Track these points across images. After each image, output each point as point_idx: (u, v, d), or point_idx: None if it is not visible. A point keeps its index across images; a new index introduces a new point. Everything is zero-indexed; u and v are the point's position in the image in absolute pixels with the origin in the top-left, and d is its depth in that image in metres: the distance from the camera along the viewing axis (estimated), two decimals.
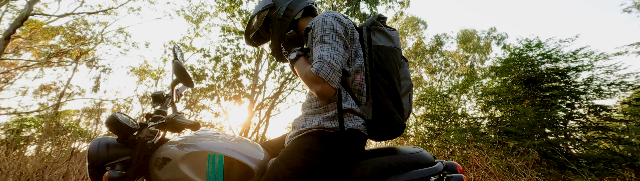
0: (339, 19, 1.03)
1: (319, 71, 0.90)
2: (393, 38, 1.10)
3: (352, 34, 1.05)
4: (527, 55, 4.17)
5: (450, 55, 15.33)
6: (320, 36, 0.98)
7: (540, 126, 3.36)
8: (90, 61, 14.63)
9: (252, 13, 1.24)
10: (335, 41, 0.97)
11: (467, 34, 15.53)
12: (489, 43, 15.42)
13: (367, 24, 1.10)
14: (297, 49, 1.07)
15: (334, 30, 0.99)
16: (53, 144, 5.19)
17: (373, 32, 1.07)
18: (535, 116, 3.40)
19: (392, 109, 0.97)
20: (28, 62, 14.80)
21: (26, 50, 15.68)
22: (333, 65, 0.91)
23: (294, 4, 1.17)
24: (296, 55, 1.04)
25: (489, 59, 15.21)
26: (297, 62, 1.03)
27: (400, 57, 1.10)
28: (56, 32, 14.53)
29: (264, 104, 10.08)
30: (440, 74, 14.40)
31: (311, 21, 1.06)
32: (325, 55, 0.92)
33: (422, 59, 14.53)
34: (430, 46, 14.97)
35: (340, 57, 0.95)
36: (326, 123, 0.96)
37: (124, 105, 13.44)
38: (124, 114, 1.04)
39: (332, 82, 0.91)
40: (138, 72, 14.84)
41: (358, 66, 1.01)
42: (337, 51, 0.95)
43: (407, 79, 1.09)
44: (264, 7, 1.18)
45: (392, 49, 1.06)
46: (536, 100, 3.83)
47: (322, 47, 0.96)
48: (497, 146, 3.60)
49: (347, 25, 1.04)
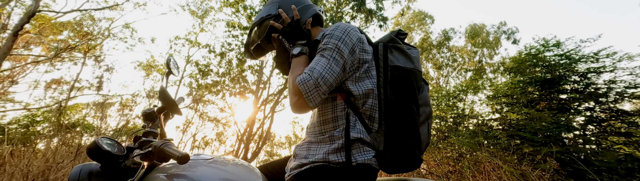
0: (349, 34, 0.91)
1: (301, 84, 0.82)
2: (413, 58, 0.97)
3: (361, 53, 0.92)
4: (544, 55, 3.86)
5: (458, 50, 14.88)
6: (321, 48, 0.89)
7: (557, 132, 3.11)
8: (97, 57, 14.62)
9: (253, 21, 1.13)
10: (334, 58, 0.86)
11: (476, 29, 15.00)
12: (499, 38, 14.88)
13: (384, 40, 0.97)
14: (302, 43, 0.97)
15: (337, 47, 0.87)
16: (58, 145, 5.13)
17: (390, 50, 0.95)
18: (552, 122, 3.14)
19: (407, 141, 0.86)
20: (38, 58, 14.91)
21: (36, 45, 15.80)
22: (319, 84, 0.82)
23: (302, 10, 1.06)
24: (299, 51, 0.95)
25: (498, 54, 14.75)
26: (297, 59, 0.94)
27: (420, 80, 0.97)
28: (64, 28, 14.53)
29: (269, 100, 9.97)
30: (447, 69, 14.05)
31: (322, 32, 0.96)
32: (316, 70, 0.83)
33: (428, 55, 14.15)
34: (437, 41, 14.55)
35: (332, 78, 0.84)
36: (332, 156, 0.85)
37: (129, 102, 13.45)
38: (109, 138, 0.98)
39: (310, 101, 0.83)
40: (145, 67, 14.83)
41: (369, 89, 0.89)
42: (331, 70, 0.84)
43: (427, 105, 0.97)
44: (268, 16, 1.07)
45: (411, 71, 0.93)
46: (552, 103, 3.56)
47: (318, 60, 0.86)
48: (511, 151, 3.37)
49: (356, 43, 0.91)
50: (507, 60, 14.56)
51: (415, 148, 0.88)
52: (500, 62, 14.18)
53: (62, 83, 16.06)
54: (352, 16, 7.28)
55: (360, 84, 0.90)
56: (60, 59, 15.21)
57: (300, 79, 0.83)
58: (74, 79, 14.75)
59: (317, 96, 0.83)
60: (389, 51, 0.95)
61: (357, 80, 0.90)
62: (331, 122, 0.90)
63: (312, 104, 0.83)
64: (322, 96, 0.84)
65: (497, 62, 14.41)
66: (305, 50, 0.96)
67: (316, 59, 0.88)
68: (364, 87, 0.89)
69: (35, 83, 15.41)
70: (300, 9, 1.06)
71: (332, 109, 0.91)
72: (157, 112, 1.07)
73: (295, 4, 1.06)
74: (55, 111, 10.07)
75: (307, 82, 0.82)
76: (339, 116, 0.89)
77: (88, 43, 14.60)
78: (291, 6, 1.05)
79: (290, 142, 19.66)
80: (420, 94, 0.94)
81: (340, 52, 0.87)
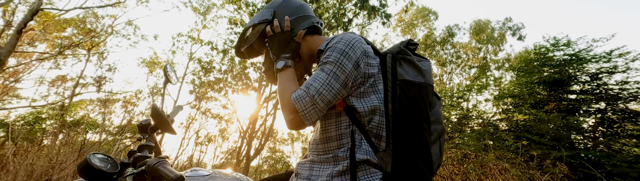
0: (353, 47, 0.84)
1: (297, 102, 0.78)
2: (424, 71, 0.90)
3: (367, 67, 0.85)
4: (554, 55, 3.69)
5: (462, 46, 14.64)
6: (322, 62, 0.83)
7: (567, 135, 2.98)
8: (101, 54, 14.61)
9: (247, 24, 1.08)
10: (334, 73, 0.80)
11: (481, 25, 14.70)
12: (504, 34, 14.58)
13: (393, 51, 0.90)
14: (286, 57, 0.92)
15: (339, 61, 0.81)
16: (62, 143, 5.12)
17: (399, 62, 0.88)
18: (562, 125, 3.01)
19: (417, 161, 0.80)
20: (42, 55, 14.95)
21: (41, 42, 15.84)
22: (316, 101, 0.78)
23: (296, 21, 0.99)
24: (284, 64, 0.90)
25: (503, 51, 14.49)
26: (283, 73, 0.90)
27: (432, 95, 0.90)
28: (68, 25, 14.50)
29: (272, 97, 9.92)
30: (451, 66, 13.85)
31: (325, 42, 0.89)
32: (313, 87, 0.78)
33: (432, 51, 13.95)
34: (441, 37, 14.30)
35: (330, 95, 0.79)
36: (336, 179, 0.80)
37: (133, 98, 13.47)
38: (103, 154, 0.94)
39: (307, 119, 0.79)
40: (148, 64, 14.81)
41: (375, 105, 0.82)
42: (329, 86, 0.79)
43: (438, 122, 0.90)
44: (261, 21, 1.01)
45: (422, 85, 0.86)
46: (562, 104, 3.42)
47: (317, 75, 0.81)
48: (519, 153, 3.25)
49: (361, 56, 0.85)
50: (513, 56, 14.34)
51: (425, 169, 0.81)
52: (505, 58, 13.95)
53: (67, 80, 16.11)
54: (355, 13, 7.12)
55: (365, 99, 0.83)
56: (64, 57, 15.22)
57: (296, 96, 0.79)
58: (79, 75, 14.79)
59: (315, 114, 0.79)
60: (398, 63, 0.87)
61: (362, 95, 0.83)
62: (335, 140, 0.85)
63: (308, 122, 0.79)
64: (319, 113, 0.79)
65: (501, 59, 14.17)
66: (290, 63, 0.91)
67: (315, 73, 0.82)
68: (370, 103, 0.82)
69: (41, 79, 15.47)
70: (295, 20, 0.99)
71: (336, 126, 0.85)
72: (150, 130, 1.03)
73: (290, 14, 1.00)
74: (59, 108, 10.09)
75: (303, 99, 0.77)
76: (343, 133, 0.84)
77: (92, 40, 14.58)
78: (285, 16, 0.99)
79: (292, 138, 19.67)
80: (431, 111, 0.87)
81: (342, 66, 0.80)
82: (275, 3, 1.03)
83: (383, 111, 0.82)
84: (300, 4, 1.03)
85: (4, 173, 3.89)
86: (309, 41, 1.01)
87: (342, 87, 0.80)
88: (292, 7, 1.01)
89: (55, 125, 8.82)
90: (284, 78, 0.89)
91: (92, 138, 8.19)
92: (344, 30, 7.25)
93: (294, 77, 0.89)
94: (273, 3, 1.04)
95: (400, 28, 15.08)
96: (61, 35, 14.74)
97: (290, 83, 0.87)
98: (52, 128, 8.63)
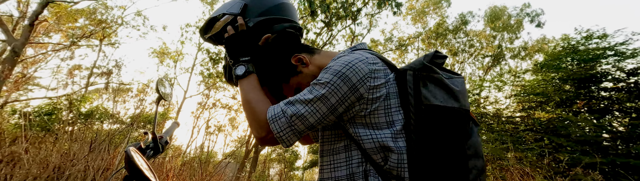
0: (353, 68, 0.69)
1: (272, 122, 0.67)
2: (457, 92, 0.72)
3: (373, 91, 0.68)
4: (586, 48, 3.22)
5: (476, 35, 13.86)
6: (312, 83, 0.71)
7: (601, 140, 2.63)
8: (113, 44, 14.64)
9: (215, 11, 0.90)
10: (323, 95, 0.67)
11: (496, 12, 13.77)
12: (521, 21, 13.64)
13: (414, 67, 0.72)
14: (246, 60, 0.80)
15: (332, 82, 0.68)
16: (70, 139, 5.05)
17: (424, 82, 0.70)
18: (596, 125, 2.64)
19: None
20: (56, 45, 15.11)
21: (56, 32, 15.99)
22: (293, 123, 0.66)
23: (265, 23, 0.83)
24: (245, 70, 0.78)
25: (519, 38, 13.66)
26: (245, 81, 0.78)
27: (469, 122, 0.73)
28: (80, 15, 14.48)
29: None
30: (463, 55, 13.22)
31: (332, 59, 0.78)
32: (294, 107, 0.67)
33: (443, 40, 13.27)
34: (453, 25, 13.53)
35: (313, 119, 0.67)
36: None
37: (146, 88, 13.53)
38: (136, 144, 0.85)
39: (284, 142, 0.68)
40: (158, 55, 14.80)
41: (384, 141, 0.67)
42: (314, 109, 0.67)
43: (478, 157, 0.71)
44: (227, 12, 0.85)
45: (455, 111, 0.70)
46: (592, 103, 3.02)
47: (302, 95, 0.69)
48: (542, 154, 2.93)
49: (364, 78, 0.68)
50: (530, 44, 13.55)
51: None
52: (522, 46, 13.20)
53: (82, 69, 16.32)
54: (364, 2, 6.60)
55: (376, 133, 0.67)
56: (77, 47, 15.31)
57: (271, 115, 0.68)
58: (93, 65, 14.91)
59: (293, 136, 0.68)
60: (422, 83, 0.69)
61: (373, 126, 0.68)
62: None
63: (285, 145, 0.70)
64: (298, 135, 0.68)
65: (518, 47, 13.41)
66: (252, 68, 0.78)
67: (302, 93, 0.69)
68: (381, 137, 0.67)
69: (58, 68, 15.72)
70: (265, 21, 0.82)
71: (346, 163, 0.70)
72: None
73: (262, 12, 0.83)
74: (69, 102, 10.18)
75: (278, 120, 0.67)
76: (355, 173, 0.69)
77: (104, 30, 14.57)
78: (254, 14, 0.83)
79: None
80: (468, 142, 0.69)
81: (335, 89, 0.67)
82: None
83: (401, 148, 0.66)
84: (279, 3, 0.85)
85: (17, 169, 3.85)
86: (313, 63, 0.84)
87: (330, 112, 0.67)
88: (267, 4, 0.83)
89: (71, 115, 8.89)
90: (248, 87, 0.76)
91: (110, 129, 8.23)
92: (352, 20, 6.80)
93: (258, 86, 0.77)
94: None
95: (410, 16, 14.32)
96: (74, 26, 14.73)
97: (256, 93, 0.75)
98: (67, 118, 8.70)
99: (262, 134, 0.69)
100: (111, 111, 8.59)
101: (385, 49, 13.36)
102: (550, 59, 3.47)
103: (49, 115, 9.63)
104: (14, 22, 13.02)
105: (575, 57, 3.19)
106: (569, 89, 3.26)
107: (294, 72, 0.85)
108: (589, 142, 2.64)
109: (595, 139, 2.60)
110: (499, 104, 4.11)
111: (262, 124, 0.68)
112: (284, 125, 0.66)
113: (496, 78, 5.11)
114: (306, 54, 0.85)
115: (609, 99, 2.96)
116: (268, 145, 0.73)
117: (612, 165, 2.56)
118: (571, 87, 3.25)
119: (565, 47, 3.45)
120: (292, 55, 0.84)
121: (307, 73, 0.84)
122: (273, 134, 0.67)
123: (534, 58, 13.06)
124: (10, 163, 4.00)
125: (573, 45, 3.36)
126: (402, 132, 0.67)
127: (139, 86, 14.62)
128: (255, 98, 0.73)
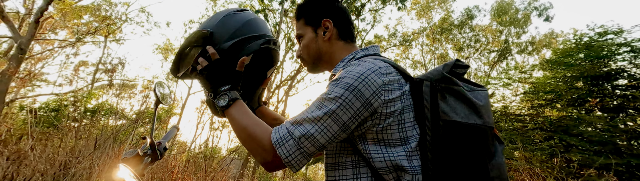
0: (365, 81, 0.60)
1: (279, 145, 0.59)
2: (480, 107, 0.63)
3: (388, 104, 0.61)
4: (600, 44, 3.07)
5: (482, 29, 13.55)
6: (322, 98, 0.62)
7: (615, 140, 2.50)
8: (117, 40, 14.65)
9: (179, 48, 0.83)
10: (334, 113, 0.59)
11: (503, 5, 13.40)
12: (529, 15, 13.27)
13: (432, 77, 0.65)
14: (226, 89, 0.72)
15: (344, 98, 0.59)
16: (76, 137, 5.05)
17: (442, 94, 0.63)
18: (610, 125, 2.52)
19: None
20: (62, 42, 15.18)
21: (61, 29, 16.05)
22: (302, 145, 0.58)
23: (239, 45, 0.77)
24: (228, 99, 0.70)
25: (526, 33, 13.33)
26: (232, 110, 0.69)
27: (493, 140, 0.64)
28: (85, 12, 14.49)
29: (283, 84, 9.70)
30: (469, 50, 12.96)
31: (341, 63, 0.74)
32: (302, 127, 0.59)
33: (448, 35, 13.00)
34: (459, 20, 13.23)
35: (324, 139, 0.59)
36: None
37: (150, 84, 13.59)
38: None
39: (294, 166, 0.60)
40: (162, 51, 14.80)
41: (397, 161, 0.60)
42: (325, 128, 0.59)
43: (502, 179, 0.63)
44: (196, 44, 0.78)
45: (477, 128, 0.61)
46: (606, 101, 2.89)
47: (309, 112, 0.61)
48: (552, 154, 2.82)
49: (378, 92, 0.61)
50: (537, 39, 13.22)
51: None
52: (529, 41, 12.90)
53: (87, 65, 16.42)
54: None
55: (389, 151, 0.61)
56: (83, 43, 15.37)
57: (277, 139, 0.60)
58: (98, 61, 14.96)
59: (303, 159, 0.61)
60: (441, 95, 0.62)
61: (386, 143, 0.62)
62: None
63: (295, 170, 0.62)
64: (308, 158, 0.62)
65: (525, 42, 13.10)
66: (236, 94, 0.71)
67: (309, 110, 0.62)
68: (394, 156, 0.60)
69: (64, 64, 15.83)
70: (238, 43, 0.76)
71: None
72: None
73: (232, 35, 0.77)
74: (74, 100, 10.23)
75: (286, 143, 0.59)
76: None
77: (108, 27, 14.57)
78: (215, 45, 0.76)
79: None
80: (491, 162, 0.62)
81: (347, 105, 0.60)
82: (213, 21, 0.79)
83: (415, 168, 0.59)
84: (246, 20, 0.80)
85: (23, 166, 3.85)
86: (335, 47, 0.78)
87: (342, 130, 0.60)
88: (234, 25, 0.78)
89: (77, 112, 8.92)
90: (238, 114, 0.68)
91: (111, 124, 8.26)
92: (356, 15, 6.63)
93: (248, 110, 0.69)
94: (211, 20, 0.80)
95: (415, 11, 14.02)
96: (79, 22, 14.73)
97: (250, 118, 0.67)
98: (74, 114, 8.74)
99: (268, 159, 0.62)
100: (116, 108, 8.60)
101: (389, 45, 13.14)
102: (561, 55, 3.31)
103: (56, 111, 9.70)
104: (20, 19, 13.04)
105: (588, 54, 3.04)
106: (581, 87, 3.12)
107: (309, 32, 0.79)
108: (602, 142, 2.52)
109: (610, 139, 2.48)
110: (507, 102, 3.98)
111: (267, 148, 0.61)
112: (293, 148, 0.59)
113: (504, 74, 4.95)
114: (335, 31, 0.78)
115: (624, 97, 2.82)
116: (275, 170, 0.66)
117: (627, 166, 2.45)
118: (584, 84, 3.11)
119: (577, 43, 3.29)
120: (328, 16, 0.77)
121: (310, 38, 0.79)
122: (280, 158, 0.60)
123: (542, 53, 12.80)
124: (16, 160, 4.01)
125: (585, 41, 3.20)
126: (417, 149, 0.61)
127: (144, 82, 14.68)
128: (250, 123, 0.65)
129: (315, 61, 0.81)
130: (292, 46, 8.93)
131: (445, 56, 12.84)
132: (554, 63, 3.32)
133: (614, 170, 2.28)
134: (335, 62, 0.79)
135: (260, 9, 8.91)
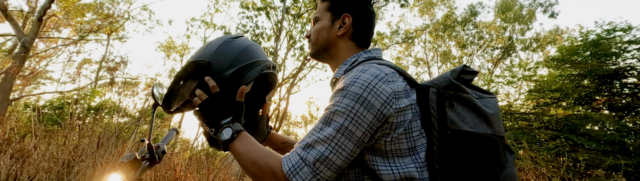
0: (374, 90, 0.56)
1: (293, 175, 0.53)
2: (490, 116, 0.59)
3: (399, 114, 0.56)
4: (608, 42, 2.98)
5: (485, 26, 13.37)
6: (329, 111, 0.57)
7: (624, 140, 2.44)
8: (120, 39, 14.66)
9: (172, 81, 0.79)
10: (347, 128, 0.54)
11: (508, 2, 13.19)
12: (534, 11, 13.06)
13: (439, 84, 0.61)
14: (228, 121, 0.66)
15: (354, 111, 0.54)
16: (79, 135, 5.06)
17: (450, 102, 0.58)
18: (618, 124, 2.45)
19: None
20: (66, 40, 15.21)
21: (65, 27, 16.07)
22: (318, 170, 0.53)
23: (239, 73, 0.72)
24: (232, 131, 0.64)
25: (531, 30, 13.13)
26: (236, 143, 0.63)
27: (504, 150, 0.60)
28: (88, 10, 14.48)
29: (285, 82, 9.66)
30: (472, 47, 12.81)
31: (343, 66, 0.69)
32: (315, 150, 0.54)
33: (451, 32, 12.85)
34: (462, 17, 13.05)
35: (340, 160, 0.54)
36: None
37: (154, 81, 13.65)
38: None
39: None
40: (165, 49, 14.79)
41: (408, 173, 0.55)
42: (339, 147, 0.54)
43: None
44: (193, 76, 0.73)
45: (487, 138, 0.57)
46: (614, 100, 2.81)
47: (319, 132, 0.56)
48: (558, 153, 2.75)
49: (389, 101, 0.56)
50: (542, 35, 13.02)
51: None
52: (534, 38, 12.72)
53: (91, 63, 16.48)
54: None
55: (398, 162, 0.58)
56: (86, 41, 15.40)
57: (289, 167, 0.55)
58: (101, 59, 14.99)
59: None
60: (448, 103, 0.59)
61: (394, 154, 0.58)
62: None
63: None
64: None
65: (529, 39, 12.92)
66: (238, 127, 0.65)
67: (317, 128, 0.57)
68: (404, 168, 0.57)
69: (68, 62, 15.89)
70: (238, 71, 0.72)
71: None
72: None
73: (230, 65, 0.72)
74: (77, 99, 10.26)
75: (300, 171, 0.54)
76: None
77: (111, 25, 14.57)
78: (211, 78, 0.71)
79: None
80: (502, 173, 0.58)
81: (358, 119, 0.55)
82: (209, 50, 0.74)
83: (426, 180, 0.56)
84: (243, 47, 0.76)
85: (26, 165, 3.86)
86: (344, 45, 0.74)
87: (357, 147, 0.56)
88: (233, 53, 0.74)
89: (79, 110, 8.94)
90: (244, 147, 0.62)
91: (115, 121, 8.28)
92: None
93: (254, 141, 0.64)
94: (206, 49, 0.76)
95: (417, 8, 13.84)
96: (82, 20, 14.73)
97: (257, 149, 0.61)
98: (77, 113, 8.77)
99: None
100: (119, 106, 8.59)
101: (392, 42, 13.02)
102: (567, 53, 3.22)
103: (60, 109, 9.73)
104: (24, 17, 13.05)
105: (596, 51, 2.95)
106: (588, 85, 3.04)
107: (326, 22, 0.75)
108: (610, 141, 2.46)
109: (619, 138, 2.42)
110: (511, 101, 3.91)
111: (280, 178, 0.56)
112: (309, 176, 0.54)
113: (507, 71, 4.86)
114: (350, 30, 0.73)
115: (633, 95, 2.75)
116: None
117: (636, 166, 2.38)
118: (591, 83, 3.03)
119: (583, 40, 3.20)
120: (352, 13, 0.73)
121: (325, 25, 0.74)
122: None
123: (546, 50, 12.63)
124: (20, 158, 4.01)
125: (593, 39, 3.10)
126: (426, 160, 0.58)
127: (146, 80, 14.70)
128: (259, 155, 0.60)
129: (320, 49, 0.77)
130: (294, 43, 8.86)
131: (448, 53, 12.72)
132: (560, 61, 3.24)
133: (624, 171, 2.23)
134: (337, 61, 0.75)
135: (261, 7, 8.83)
